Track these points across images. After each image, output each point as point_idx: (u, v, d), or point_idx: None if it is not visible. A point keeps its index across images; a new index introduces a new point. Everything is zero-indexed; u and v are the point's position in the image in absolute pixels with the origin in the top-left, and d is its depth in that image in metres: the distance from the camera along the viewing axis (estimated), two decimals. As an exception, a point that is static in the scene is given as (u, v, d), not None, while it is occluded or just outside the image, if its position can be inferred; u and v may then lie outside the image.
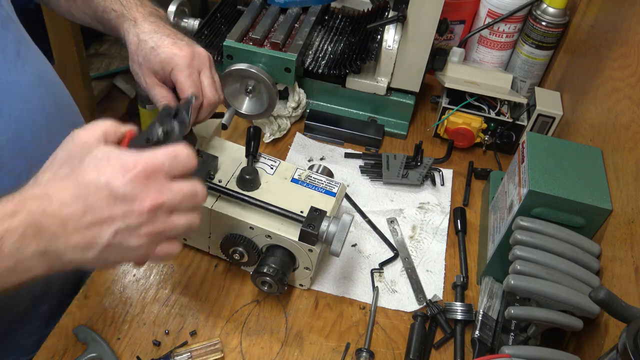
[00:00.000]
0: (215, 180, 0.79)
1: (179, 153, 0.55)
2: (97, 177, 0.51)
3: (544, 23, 1.09)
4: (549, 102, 1.04)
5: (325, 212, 0.76)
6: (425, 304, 0.85)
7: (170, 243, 0.57)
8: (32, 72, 0.77)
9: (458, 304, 0.83)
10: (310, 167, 0.90)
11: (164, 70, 0.77)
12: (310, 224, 0.74)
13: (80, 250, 0.52)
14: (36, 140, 0.75)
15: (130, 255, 0.55)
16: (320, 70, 1.05)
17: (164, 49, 0.76)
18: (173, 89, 0.78)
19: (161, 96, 0.78)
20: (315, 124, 1.10)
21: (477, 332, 0.78)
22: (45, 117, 0.78)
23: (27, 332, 0.87)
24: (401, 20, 1.00)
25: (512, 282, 0.71)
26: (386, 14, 1.07)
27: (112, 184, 0.51)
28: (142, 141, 0.58)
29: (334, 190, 0.82)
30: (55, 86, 0.83)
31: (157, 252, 0.56)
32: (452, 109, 1.06)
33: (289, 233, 0.76)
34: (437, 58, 1.08)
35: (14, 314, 0.84)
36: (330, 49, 1.10)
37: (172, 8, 1.06)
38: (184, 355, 0.74)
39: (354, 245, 0.92)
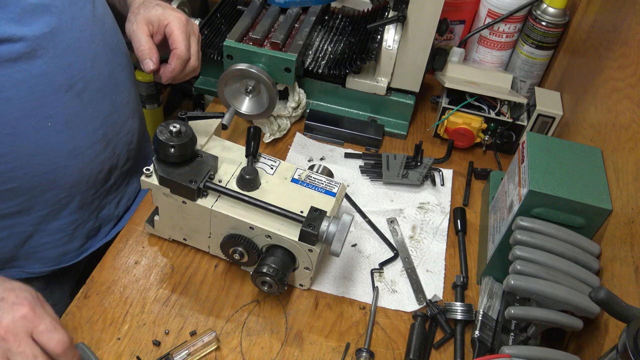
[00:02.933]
0: (215, 180, 0.79)
1: (54, 337, 0.64)
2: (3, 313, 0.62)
3: (544, 23, 1.09)
4: (549, 102, 1.04)
5: (325, 212, 0.76)
6: (425, 304, 0.85)
7: None
8: (90, 11, 0.85)
9: (458, 304, 0.83)
10: (310, 167, 0.90)
11: (159, 22, 0.88)
12: (310, 224, 0.74)
13: None
14: (80, 63, 0.83)
15: None
16: (320, 70, 1.05)
17: (166, 9, 0.89)
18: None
19: (145, 42, 0.86)
20: (315, 124, 1.10)
21: (477, 332, 0.78)
22: (92, 49, 0.85)
23: None
24: (401, 20, 1.00)
25: (512, 282, 0.71)
26: (386, 14, 1.07)
27: (5, 328, 0.61)
28: None
29: (334, 190, 0.82)
30: (109, 32, 0.90)
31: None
32: (452, 109, 1.06)
33: (289, 233, 0.76)
34: (437, 58, 1.08)
35: None
36: (330, 49, 1.10)
37: (172, 8, 1.06)
38: (182, 353, 0.74)
39: (354, 245, 0.92)
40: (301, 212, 0.76)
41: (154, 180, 0.79)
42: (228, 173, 0.81)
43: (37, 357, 0.62)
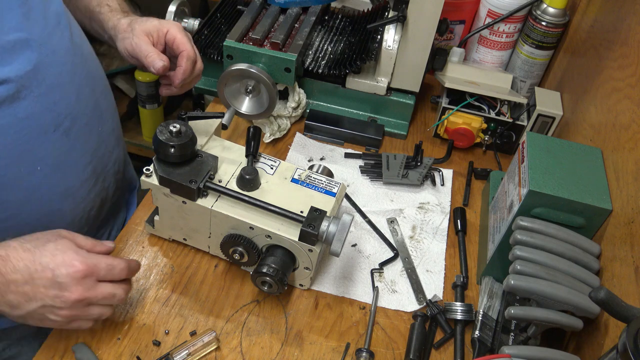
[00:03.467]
0: (215, 180, 0.79)
1: (116, 266, 0.70)
2: (48, 261, 0.65)
3: (544, 23, 1.09)
4: (549, 102, 1.04)
5: (325, 212, 0.76)
6: (425, 304, 0.85)
7: (82, 321, 0.70)
8: (68, 40, 0.81)
9: (458, 304, 0.83)
10: (310, 167, 0.90)
11: (159, 32, 0.87)
12: (310, 224, 0.74)
13: (9, 307, 0.66)
14: (65, 99, 0.80)
15: (46, 324, 0.68)
16: (320, 70, 1.05)
17: (161, 20, 0.89)
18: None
19: (151, 49, 0.85)
20: (315, 124, 1.10)
21: (477, 332, 0.78)
22: (75, 82, 0.83)
23: None
24: (401, 20, 1.00)
25: (512, 282, 0.71)
26: (386, 14, 1.07)
27: (56, 272, 0.65)
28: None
29: (334, 190, 0.82)
30: (89, 59, 0.88)
31: (70, 326, 0.69)
32: (452, 109, 1.06)
33: (289, 233, 0.76)
34: (437, 58, 1.08)
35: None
36: (330, 49, 1.10)
37: (172, 8, 1.06)
38: (182, 353, 0.74)
39: (354, 245, 0.92)
40: (301, 212, 0.76)
41: (154, 180, 0.78)
42: (228, 173, 0.81)
43: (115, 294, 0.70)
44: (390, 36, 1.04)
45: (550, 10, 1.08)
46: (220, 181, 0.80)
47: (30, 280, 0.65)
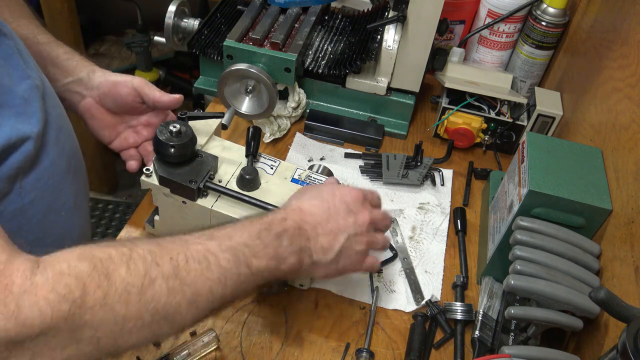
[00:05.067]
0: (215, 180, 0.79)
1: (373, 191, 0.77)
2: (334, 195, 0.71)
3: (544, 23, 1.09)
4: (549, 102, 1.04)
5: (325, 212, 0.76)
6: (423, 304, 0.85)
7: (372, 257, 0.74)
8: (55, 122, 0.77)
9: (458, 304, 0.83)
10: (310, 167, 0.90)
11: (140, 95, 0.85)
12: (310, 224, 0.74)
13: (323, 251, 0.68)
14: (68, 139, 0.79)
15: (353, 260, 0.71)
16: (320, 70, 1.05)
17: (123, 78, 0.85)
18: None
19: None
20: (315, 124, 1.10)
21: (477, 332, 0.78)
22: (64, 117, 0.80)
23: None
24: (401, 20, 1.00)
25: (512, 282, 0.71)
26: (386, 14, 1.07)
27: (346, 199, 0.70)
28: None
29: (334, 190, 0.82)
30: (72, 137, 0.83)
31: (366, 261, 0.73)
32: (452, 109, 1.06)
33: (289, 233, 0.76)
34: (437, 58, 1.08)
35: None
36: (330, 49, 1.10)
37: (172, 8, 1.06)
38: (182, 354, 0.74)
39: (354, 245, 0.92)
40: (301, 212, 0.76)
41: (154, 180, 0.78)
42: (228, 173, 0.81)
43: (387, 217, 0.76)
44: (390, 36, 1.04)
45: (550, 10, 1.08)
46: (220, 181, 0.80)
47: (331, 217, 0.68)
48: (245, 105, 1.01)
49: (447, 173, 1.06)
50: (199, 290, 0.56)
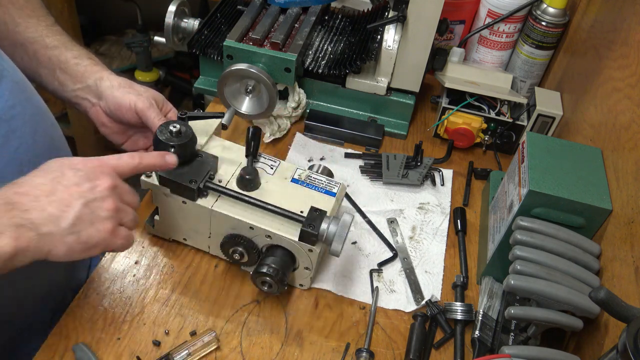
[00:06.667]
0: (215, 180, 0.79)
1: (122, 156, 0.69)
2: (62, 165, 0.64)
3: (544, 23, 1.09)
4: (549, 102, 1.04)
5: (325, 212, 0.76)
6: (423, 304, 0.85)
7: (127, 231, 0.68)
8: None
9: (458, 304, 0.83)
10: (310, 167, 0.90)
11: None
12: (310, 224, 0.74)
13: (54, 220, 0.60)
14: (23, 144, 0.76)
15: (99, 229, 0.64)
16: (320, 70, 1.05)
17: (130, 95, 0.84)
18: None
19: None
20: (315, 124, 1.10)
21: (477, 332, 0.78)
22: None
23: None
24: (401, 20, 1.00)
25: (512, 282, 0.71)
26: (386, 14, 1.07)
27: (77, 166, 0.64)
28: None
29: (334, 190, 0.82)
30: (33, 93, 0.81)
31: (118, 234, 0.66)
32: (452, 109, 1.06)
33: (289, 233, 0.76)
34: (437, 58, 1.08)
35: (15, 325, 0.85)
36: (330, 49, 1.10)
37: (172, 8, 1.06)
38: (182, 353, 0.74)
39: (354, 243, 0.92)
40: (301, 212, 0.76)
41: (154, 180, 0.78)
42: (228, 173, 0.81)
43: (131, 192, 0.70)
44: (390, 36, 1.04)
45: (550, 10, 1.08)
46: (220, 181, 0.80)
47: (59, 184, 0.62)
48: (245, 105, 1.01)
49: (447, 173, 1.06)
50: None
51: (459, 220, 0.96)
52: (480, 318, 0.79)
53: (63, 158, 0.66)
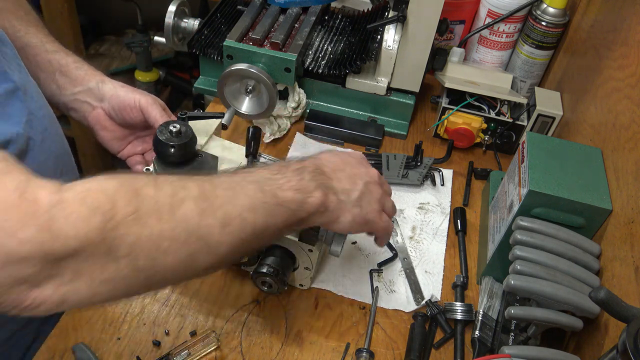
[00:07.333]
0: (215, 180, 0.79)
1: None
2: (344, 152, 0.73)
3: (544, 23, 1.09)
4: (549, 102, 1.04)
5: (325, 212, 0.76)
6: (423, 304, 0.85)
7: (387, 217, 0.73)
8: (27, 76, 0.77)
9: (458, 304, 0.83)
10: (310, 167, 0.90)
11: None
12: (311, 224, 0.74)
13: (347, 192, 0.68)
14: (56, 142, 0.79)
15: (374, 207, 0.70)
16: (320, 70, 1.05)
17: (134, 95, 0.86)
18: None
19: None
20: (315, 124, 1.10)
21: (477, 332, 0.78)
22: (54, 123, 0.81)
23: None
24: (401, 20, 1.00)
25: (512, 282, 0.71)
26: (386, 14, 1.07)
27: (354, 156, 0.73)
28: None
29: (334, 190, 0.81)
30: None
31: (383, 218, 0.72)
32: (452, 109, 1.06)
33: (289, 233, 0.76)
34: (437, 58, 1.08)
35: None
36: (330, 49, 1.10)
37: (172, 8, 1.06)
38: (182, 354, 0.75)
39: (354, 243, 0.92)
40: (301, 212, 0.76)
41: (154, 180, 0.78)
42: (228, 173, 0.81)
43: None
44: (390, 36, 1.04)
45: (550, 10, 1.08)
46: (220, 181, 0.79)
47: (347, 164, 0.70)
48: (245, 105, 1.01)
49: (447, 173, 1.06)
50: (230, 214, 0.55)
51: (459, 220, 0.96)
52: (480, 318, 0.79)
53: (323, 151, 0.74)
